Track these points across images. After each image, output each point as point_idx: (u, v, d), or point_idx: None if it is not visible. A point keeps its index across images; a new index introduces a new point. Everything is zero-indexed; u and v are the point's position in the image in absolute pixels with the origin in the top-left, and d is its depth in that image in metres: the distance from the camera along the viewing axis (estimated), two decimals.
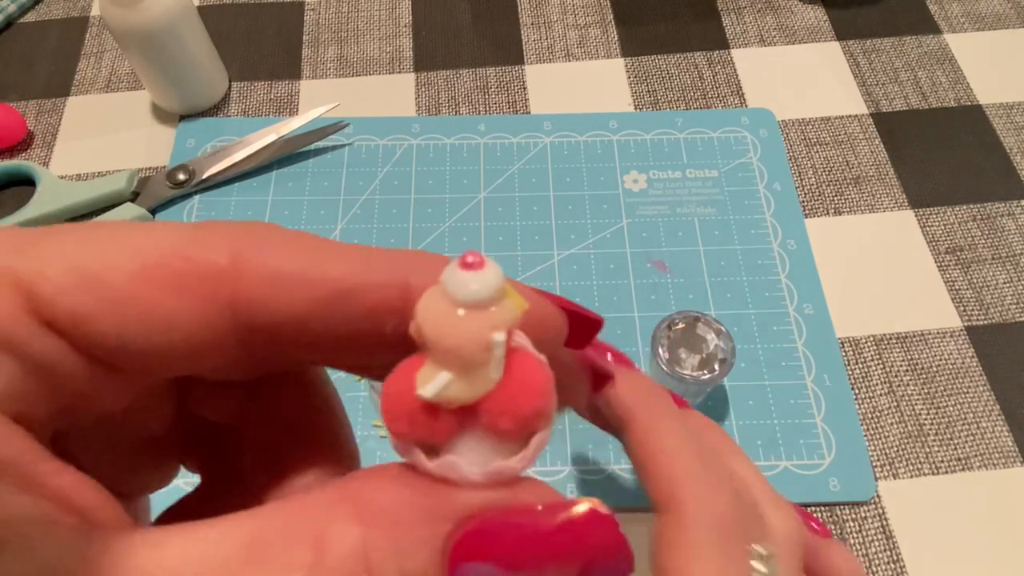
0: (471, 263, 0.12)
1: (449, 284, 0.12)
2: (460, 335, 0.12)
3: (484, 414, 0.12)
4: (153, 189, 0.46)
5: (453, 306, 0.12)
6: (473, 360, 0.12)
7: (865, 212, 0.47)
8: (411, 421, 0.12)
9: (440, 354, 0.12)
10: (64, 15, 0.56)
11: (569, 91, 0.52)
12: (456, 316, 0.12)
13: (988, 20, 0.56)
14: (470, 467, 0.12)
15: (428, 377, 0.12)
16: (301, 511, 0.12)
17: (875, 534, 0.37)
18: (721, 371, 0.36)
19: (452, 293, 0.12)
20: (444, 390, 0.12)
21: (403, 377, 0.12)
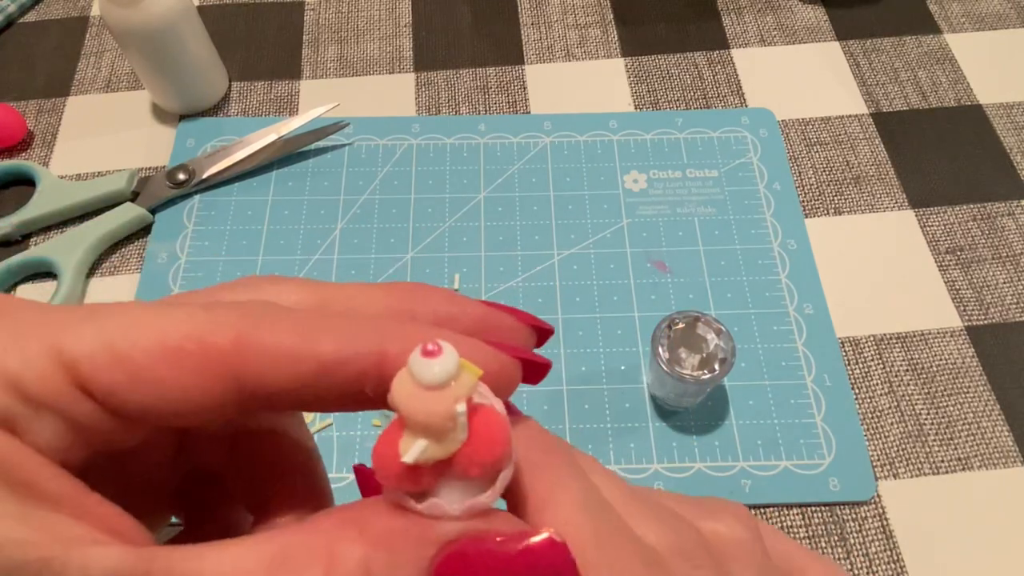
0: (431, 351, 0.14)
1: (414, 370, 0.14)
2: (429, 412, 0.14)
3: (456, 466, 0.15)
4: (153, 189, 0.46)
5: (419, 387, 0.14)
6: (442, 429, 0.14)
7: (865, 212, 0.47)
8: (399, 478, 0.15)
9: (414, 427, 0.14)
10: (64, 15, 0.56)
11: (569, 91, 0.52)
12: (423, 395, 0.14)
13: (988, 20, 0.56)
14: (451, 505, 0.15)
15: (408, 445, 0.14)
16: (315, 532, 0.14)
17: (875, 534, 0.37)
18: (721, 371, 0.36)
19: (418, 378, 0.14)
20: (421, 455, 0.14)
21: (388, 444, 0.15)
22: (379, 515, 0.15)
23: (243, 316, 0.15)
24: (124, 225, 0.45)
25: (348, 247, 0.45)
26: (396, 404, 0.14)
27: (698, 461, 0.39)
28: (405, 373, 0.15)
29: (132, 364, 0.14)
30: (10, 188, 0.48)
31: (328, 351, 0.15)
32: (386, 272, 0.44)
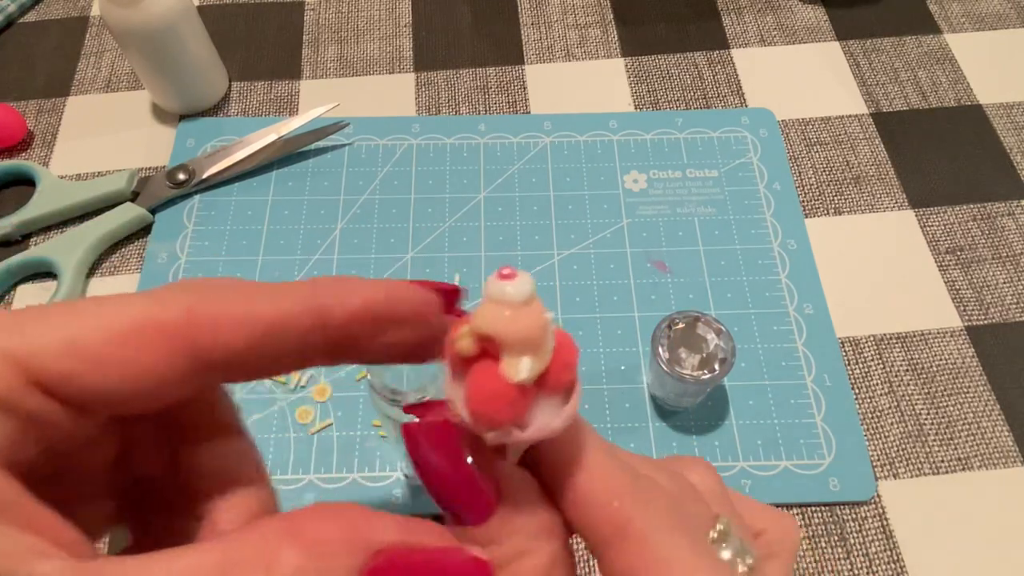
0: (507, 275, 0.16)
1: (500, 293, 0.16)
2: (528, 326, 0.16)
3: (550, 376, 0.16)
4: (153, 189, 0.46)
5: (506, 308, 0.16)
6: (541, 339, 0.16)
7: (865, 212, 0.47)
8: (512, 406, 0.16)
9: (516, 346, 0.15)
10: (64, 15, 0.56)
11: (569, 91, 0.52)
12: (516, 314, 0.16)
13: (988, 20, 0.56)
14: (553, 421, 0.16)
15: (514, 366, 0.15)
16: (255, 540, 0.15)
17: (875, 534, 0.37)
18: (721, 371, 0.36)
19: (510, 298, 0.16)
20: (531, 370, 0.15)
21: (487, 381, 0.16)
22: (315, 522, 0.15)
23: (190, 292, 0.16)
24: (124, 225, 0.45)
25: (348, 247, 0.45)
26: (493, 331, 0.15)
27: None
28: (486, 304, 0.16)
29: (91, 350, 0.15)
30: (10, 188, 0.48)
31: (269, 312, 0.17)
32: (386, 272, 0.44)
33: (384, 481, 0.38)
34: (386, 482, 0.38)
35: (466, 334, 0.16)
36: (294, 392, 0.40)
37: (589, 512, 0.17)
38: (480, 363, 0.16)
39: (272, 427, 0.39)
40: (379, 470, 0.38)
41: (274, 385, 0.41)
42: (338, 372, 0.41)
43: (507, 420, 0.16)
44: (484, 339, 0.16)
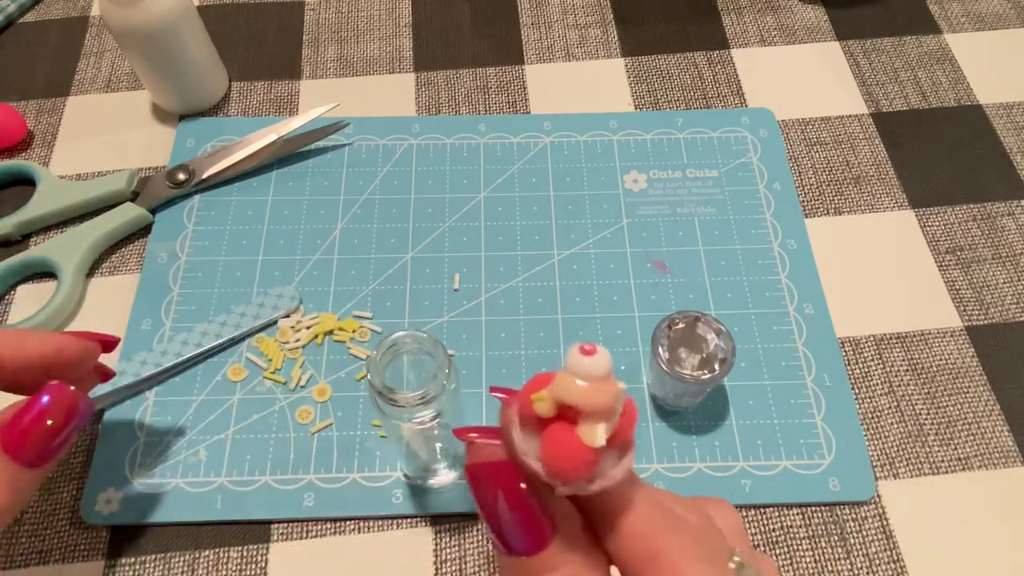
0: (588, 350, 0.18)
1: (582, 368, 0.18)
2: (606, 398, 0.18)
3: (616, 437, 0.18)
4: (153, 189, 0.46)
5: (587, 381, 0.18)
6: (614, 408, 0.18)
7: (865, 212, 0.47)
8: (589, 466, 0.18)
9: (595, 414, 0.18)
10: (64, 15, 0.56)
11: (569, 91, 0.52)
12: (596, 387, 0.18)
13: (988, 20, 0.56)
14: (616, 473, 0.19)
15: (592, 433, 0.18)
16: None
17: (875, 534, 0.37)
18: (721, 371, 0.36)
19: (589, 373, 0.18)
20: (606, 435, 0.18)
21: (564, 445, 0.18)
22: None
23: None
24: (124, 225, 0.45)
25: (348, 247, 0.45)
26: (574, 401, 0.18)
27: (698, 461, 0.39)
28: (564, 376, 0.18)
29: None
30: (10, 188, 0.48)
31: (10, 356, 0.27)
32: (386, 272, 0.44)
33: (384, 481, 0.38)
34: (386, 482, 0.38)
35: (546, 398, 0.18)
36: (294, 392, 0.40)
37: (629, 545, 0.20)
38: (556, 425, 0.18)
39: (272, 427, 0.39)
40: (379, 470, 0.38)
41: (274, 385, 0.41)
42: (338, 372, 0.41)
43: (582, 477, 0.18)
44: (563, 406, 0.18)
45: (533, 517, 0.20)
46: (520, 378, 0.41)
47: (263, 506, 0.37)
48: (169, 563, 0.36)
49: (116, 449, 0.39)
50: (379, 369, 0.29)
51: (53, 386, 0.27)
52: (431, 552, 0.37)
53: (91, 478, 0.38)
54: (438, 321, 0.43)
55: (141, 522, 0.37)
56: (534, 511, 0.20)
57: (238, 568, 0.36)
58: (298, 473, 0.38)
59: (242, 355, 0.42)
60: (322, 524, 0.38)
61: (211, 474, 0.38)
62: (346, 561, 0.37)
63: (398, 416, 0.30)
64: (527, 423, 0.19)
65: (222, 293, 0.43)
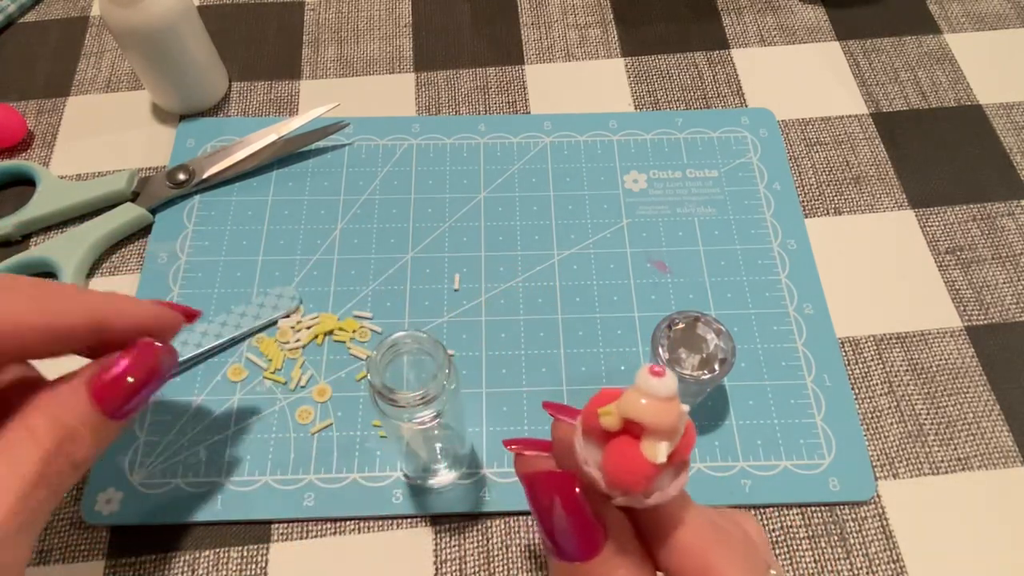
0: (657, 372, 0.19)
1: (650, 388, 0.19)
2: (671, 418, 0.19)
3: (676, 456, 0.20)
4: (153, 189, 0.46)
5: (654, 400, 0.19)
6: (677, 428, 0.19)
7: (865, 212, 0.47)
8: (649, 480, 0.19)
9: (659, 432, 0.19)
10: (64, 15, 0.56)
11: (569, 91, 0.52)
12: (661, 406, 0.19)
13: (988, 20, 0.56)
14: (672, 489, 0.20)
15: (655, 449, 0.19)
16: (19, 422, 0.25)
17: (875, 534, 0.37)
18: (721, 371, 0.36)
19: (656, 393, 0.19)
20: (668, 453, 0.19)
21: (628, 458, 0.19)
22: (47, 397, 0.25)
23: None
24: (124, 225, 0.45)
25: (348, 247, 0.45)
26: (640, 418, 0.19)
27: (698, 461, 0.39)
28: (633, 393, 0.19)
29: None
30: (10, 188, 0.48)
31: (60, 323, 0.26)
32: (386, 272, 0.44)
33: (384, 481, 0.38)
34: (386, 482, 0.38)
35: (612, 413, 0.20)
36: (294, 392, 0.40)
37: (682, 558, 0.21)
38: (620, 439, 0.20)
39: (272, 427, 0.39)
40: (379, 470, 0.38)
41: (274, 386, 0.41)
42: (338, 372, 0.41)
43: (641, 491, 0.19)
44: (629, 421, 0.19)
45: (587, 524, 0.21)
46: (520, 378, 0.41)
47: (263, 506, 0.37)
48: (169, 563, 0.36)
49: (116, 449, 0.39)
50: (379, 369, 0.29)
51: (143, 343, 0.28)
52: (431, 552, 0.37)
53: (91, 478, 0.38)
54: (438, 321, 0.43)
55: (141, 522, 0.37)
56: (588, 518, 0.21)
57: (238, 568, 0.36)
58: (298, 473, 0.38)
59: (242, 355, 0.42)
60: (322, 524, 0.38)
61: (211, 474, 0.38)
62: (346, 561, 0.37)
63: (398, 416, 0.30)
64: (590, 434, 0.21)
65: (222, 293, 0.43)
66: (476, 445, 0.39)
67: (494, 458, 0.39)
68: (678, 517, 0.21)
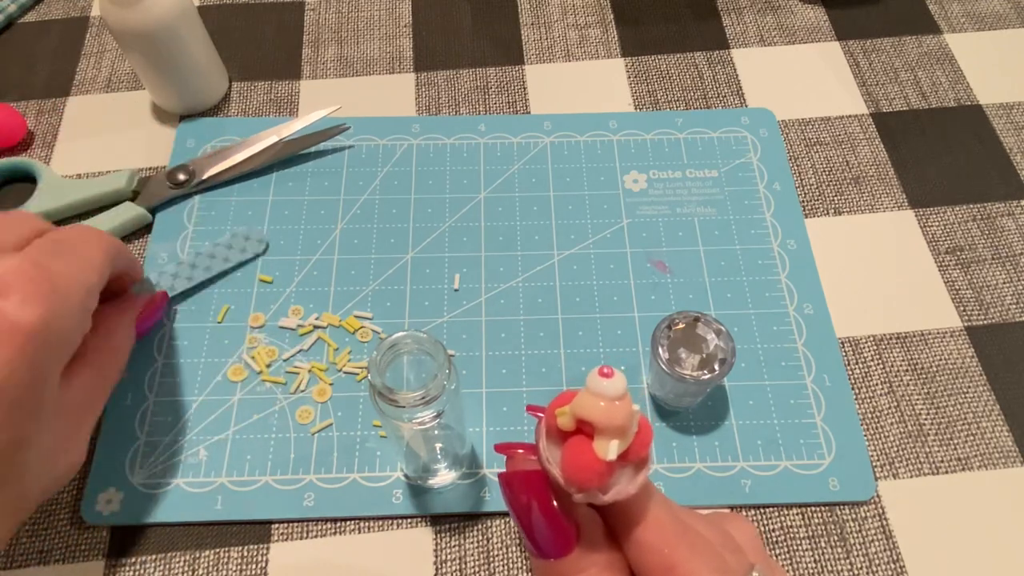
0: (607, 373, 0.20)
1: (600, 389, 0.20)
2: (620, 417, 0.20)
3: (631, 453, 0.20)
4: (153, 189, 0.46)
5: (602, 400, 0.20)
6: (629, 427, 0.20)
7: (865, 212, 0.47)
8: (601, 477, 0.20)
9: (609, 431, 0.20)
10: (64, 15, 0.56)
11: (569, 91, 0.52)
12: (611, 406, 0.20)
13: (988, 20, 0.56)
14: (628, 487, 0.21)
15: (606, 448, 0.20)
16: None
17: (875, 534, 0.37)
18: (721, 371, 0.36)
19: (606, 394, 0.20)
20: (619, 450, 0.20)
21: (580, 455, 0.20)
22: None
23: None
24: (124, 224, 0.45)
25: (348, 247, 0.45)
26: (589, 418, 0.20)
27: (698, 461, 0.39)
28: (587, 394, 0.20)
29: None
30: (11, 185, 0.48)
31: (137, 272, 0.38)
32: (386, 272, 0.44)
33: (384, 481, 0.38)
34: (386, 482, 0.38)
35: (567, 413, 0.20)
36: (294, 393, 0.40)
37: (645, 556, 0.21)
38: (575, 438, 0.20)
39: (272, 427, 0.39)
40: (379, 470, 0.38)
41: (274, 386, 0.41)
42: (338, 372, 0.41)
43: (595, 487, 0.20)
44: (581, 421, 0.20)
45: (559, 523, 0.22)
46: (520, 378, 0.41)
47: (263, 506, 0.37)
48: (169, 563, 0.36)
49: (116, 449, 0.39)
50: (379, 369, 0.29)
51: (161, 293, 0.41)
52: (431, 552, 0.37)
53: (91, 478, 0.38)
54: (438, 321, 0.43)
55: (141, 522, 0.37)
56: (559, 517, 0.22)
57: (238, 568, 0.36)
58: (298, 473, 0.38)
59: (242, 356, 0.42)
60: (322, 524, 0.38)
61: (211, 474, 0.38)
62: (346, 561, 0.37)
63: (398, 416, 0.30)
64: (552, 435, 0.21)
65: (222, 293, 0.43)
66: (476, 445, 0.39)
67: (494, 458, 0.39)
68: (641, 515, 0.22)
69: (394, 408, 0.29)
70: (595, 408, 0.20)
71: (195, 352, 0.42)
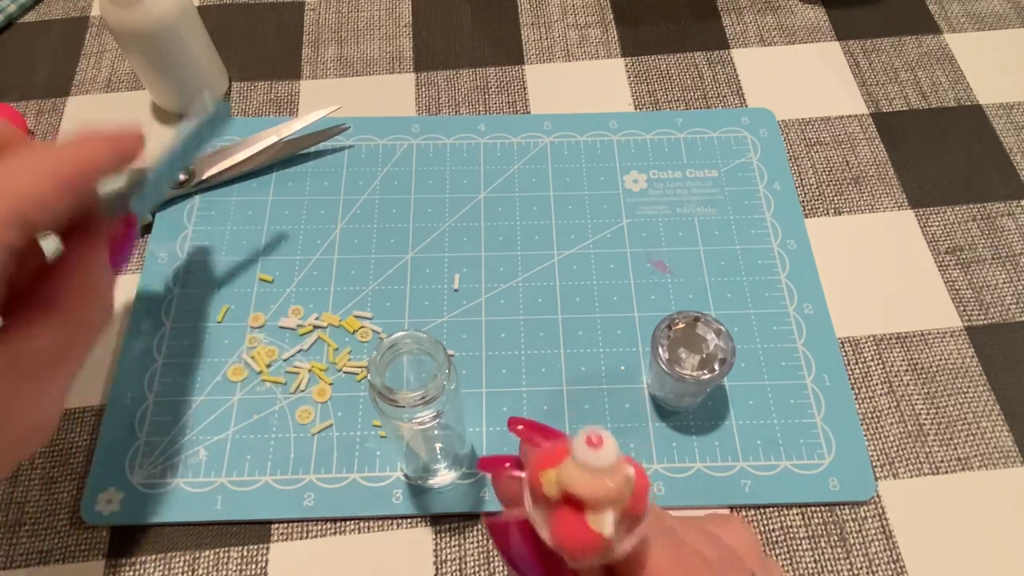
0: (596, 443, 0.18)
1: (588, 461, 0.18)
2: (613, 487, 0.18)
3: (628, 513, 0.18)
4: None
5: (590, 472, 0.18)
6: (620, 498, 0.18)
7: (865, 212, 0.47)
8: (598, 550, 0.18)
9: (601, 503, 0.18)
10: (64, 15, 0.56)
11: (569, 91, 0.52)
12: (601, 479, 0.18)
13: (988, 20, 0.56)
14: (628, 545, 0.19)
15: (599, 521, 0.18)
16: None
17: (875, 534, 0.37)
18: (721, 371, 0.36)
19: (594, 466, 0.18)
20: (615, 521, 0.18)
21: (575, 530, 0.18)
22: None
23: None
24: None
25: (348, 247, 0.45)
26: (581, 494, 0.18)
27: (698, 461, 0.39)
28: (570, 465, 0.18)
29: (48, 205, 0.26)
30: None
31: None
32: (386, 272, 0.44)
33: (384, 481, 0.38)
34: (386, 482, 0.38)
35: (553, 482, 0.18)
36: (294, 393, 0.40)
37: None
38: (565, 509, 0.18)
39: (272, 427, 0.39)
40: (379, 470, 0.38)
41: (274, 386, 0.41)
42: (338, 372, 0.41)
43: (593, 559, 0.18)
44: (569, 494, 0.18)
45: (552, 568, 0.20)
46: (520, 378, 0.41)
47: (263, 506, 0.37)
48: (169, 563, 0.36)
49: (116, 449, 0.39)
50: (379, 369, 0.29)
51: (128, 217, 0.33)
52: (431, 552, 0.37)
53: (91, 478, 0.38)
54: (438, 321, 0.43)
55: (141, 522, 0.37)
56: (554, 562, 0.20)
57: (238, 568, 0.36)
58: (298, 473, 0.38)
59: (242, 356, 0.42)
60: (322, 524, 0.38)
61: (211, 474, 0.38)
62: (346, 561, 0.37)
63: (398, 416, 0.30)
64: (539, 499, 0.19)
65: (222, 293, 0.43)
66: (476, 445, 0.39)
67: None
68: (639, 565, 0.20)
69: (394, 408, 0.29)
70: (584, 482, 0.18)
71: (195, 352, 0.42)
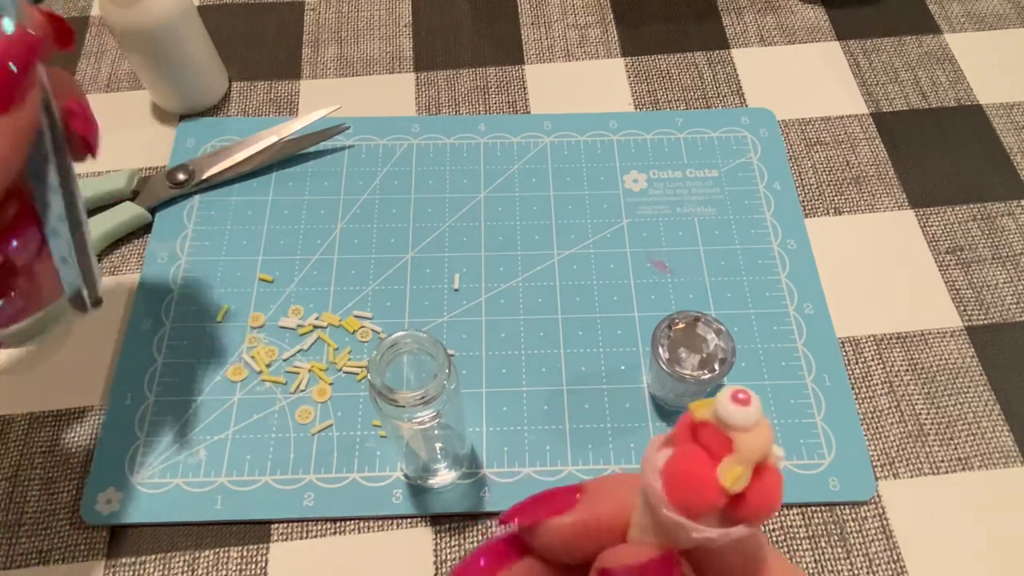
0: (744, 400, 0.16)
1: (736, 418, 0.16)
2: (765, 442, 0.16)
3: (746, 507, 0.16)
4: (153, 189, 0.46)
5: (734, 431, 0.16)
6: (767, 453, 0.16)
7: (865, 212, 0.47)
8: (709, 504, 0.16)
9: (745, 454, 0.16)
10: (64, 15, 0.56)
11: (569, 91, 0.52)
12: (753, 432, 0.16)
13: (988, 20, 0.56)
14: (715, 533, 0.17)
15: (731, 473, 0.16)
16: None
17: (875, 534, 0.37)
18: (721, 371, 0.36)
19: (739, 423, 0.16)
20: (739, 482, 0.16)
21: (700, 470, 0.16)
22: None
23: None
24: (123, 224, 0.45)
25: (348, 247, 0.45)
26: (736, 423, 0.16)
27: None
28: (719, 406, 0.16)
29: None
30: None
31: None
32: (386, 272, 0.44)
33: (384, 481, 0.38)
34: (386, 482, 0.38)
35: (708, 405, 0.17)
36: (294, 393, 0.40)
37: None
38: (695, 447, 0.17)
39: (272, 427, 0.39)
40: (379, 470, 0.38)
41: (274, 386, 0.41)
42: (338, 372, 0.41)
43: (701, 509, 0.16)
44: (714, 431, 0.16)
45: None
46: (520, 378, 0.41)
47: (263, 506, 0.37)
48: (169, 563, 0.36)
49: (116, 449, 0.39)
50: (379, 369, 0.29)
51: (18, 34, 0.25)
52: (431, 552, 0.37)
53: (91, 478, 0.38)
54: (438, 321, 0.43)
55: (141, 522, 0.37)
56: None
57: (238, 568, 0.36)
58: (298, 473, 0.38)
59: (242, 355, 0.42)
60: (322, 524, 0.38)
61: (211, 474, 0.38)
62: (346, 561, 0.37)
63: (398, 416, 0.30)
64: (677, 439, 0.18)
65: (222, 293, 0.43)
66: (476, 445, 0.39)
67: (494, 458, 0.39)
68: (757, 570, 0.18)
69: (394, 408, 0.29)
70: (741, 416, 0.16)
71: (195, 352, 0.42)
